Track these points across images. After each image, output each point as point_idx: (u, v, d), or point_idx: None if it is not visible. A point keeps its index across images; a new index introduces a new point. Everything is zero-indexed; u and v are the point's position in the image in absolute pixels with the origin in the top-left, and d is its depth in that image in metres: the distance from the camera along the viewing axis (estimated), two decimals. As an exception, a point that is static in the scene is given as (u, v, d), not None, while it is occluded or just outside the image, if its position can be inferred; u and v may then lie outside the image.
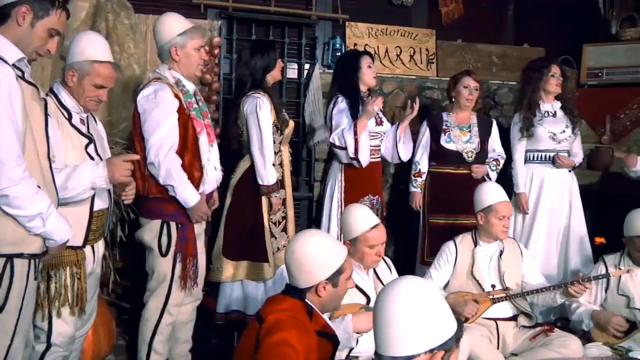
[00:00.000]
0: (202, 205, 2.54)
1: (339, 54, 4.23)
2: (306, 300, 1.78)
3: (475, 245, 2.86)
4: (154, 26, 2.63)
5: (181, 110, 2.51)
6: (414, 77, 4.49)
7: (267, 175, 2.95)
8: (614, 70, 4.59)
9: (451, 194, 3.54)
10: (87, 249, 2.25)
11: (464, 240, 2.90)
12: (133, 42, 3.77)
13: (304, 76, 4.30)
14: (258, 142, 2.96)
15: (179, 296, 2.57)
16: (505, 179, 3.75)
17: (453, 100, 3.63)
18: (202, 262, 2.69)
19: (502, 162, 3.67)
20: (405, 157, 3.54)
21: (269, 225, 3.02)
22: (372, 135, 3.34)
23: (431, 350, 1.20)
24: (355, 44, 4.40)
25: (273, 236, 3.05)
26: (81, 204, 2.16)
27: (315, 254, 1.77)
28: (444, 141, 3.56)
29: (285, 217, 3.04)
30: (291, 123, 3.07)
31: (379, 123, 3.35)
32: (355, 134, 3.14)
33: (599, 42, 4.77)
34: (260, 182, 2.96)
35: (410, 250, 3.94)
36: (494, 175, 3.59)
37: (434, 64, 4.58)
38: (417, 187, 3.62)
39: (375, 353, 1.25)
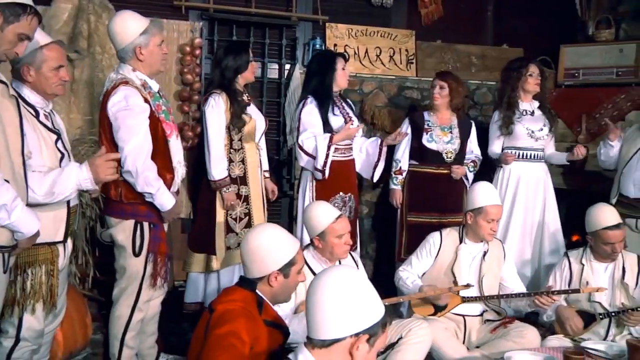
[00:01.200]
0: (177, 207, 2.60)
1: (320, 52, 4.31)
2: (257, 291, 1.86)
3: (461, 242, 2.92)
4: (109, 28, 2.58)
5: (152, 115, 2.54)
6: (394, 77, 4.57)
7: (212, 170, 3.02)
8: (590, 71, 4.67)
9: (431, 193, 3.62)
10: (61, 247, 2.29)
11: (450, 234, 2.95)
12: (115, 42, 3.84)
13: (285, 76, 4.39)
14: (205, 138, 3.05)
15: (149, 293, 2.64)
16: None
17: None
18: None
19: (478, 163, 3.76)
20: (376, 178, 3.63)
21: (228, 220, 3.08)
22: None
23: (356, 334, 1.28)
24: (335, 45, 4.48)
25: (232, 231, 3.12)
26: (59, 203, 2.22)
27: (267, 245, 1.86)
28: (425, 140, 3.64)
29: (248, 214, 3.09)
30: (252, 121, 3.11)
31: (347, 122, 3.42)
32: (329, 149, 3.23)
33: (576, 43, 4.86)
34: (208, 177, 3.04)
35: (392, 248, 4.02)
36: (471, 176, 3.67)
37: (413, 64, 4.66)
38: (397, 185, 3.69)
39: (307, 337, 1.33)
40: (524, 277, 3.48)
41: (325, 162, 3.22)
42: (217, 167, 3.03)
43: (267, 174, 3.39)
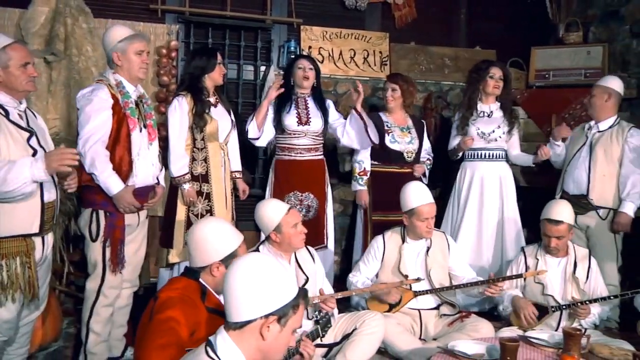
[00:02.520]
0: (127, 196, 2.69)
1: (293, 56, 4.42)
2: (200, 280, 1.96)
3: (403, 241, 3.04)
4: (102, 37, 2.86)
5: (117, 109, 2.69)
6: (367, 78, 4.67)
7: (171, 167, 3.14)
8: (560, 72, 4.79)
9: (394, 192, 3.70)
10: (37, 240, 2.41)
11: (393, 236, 3.08)
12: (91, 45, 3.95)
13: (260, 78, 4.49)
14: (168, 137, 3.18)
15: (114, 279, 2.76)
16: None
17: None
18: (142, 252, 2.88)
19: (432, 161, 3.91)
20: (376, 139, 3.61)
21: (189, 216, 3.19)
22: (296, 134, 3.52)
23: (266, 316, 1.37)
24: (310, 47, 4.59)
25: None
26: (32, 197, 2.32)
27: (210, 237, 1.97)
28: (388, 141, 3.74)
29: (210, 211, 3.21)
30: (213, 122, 3.21)
31: (304, 122, 3.51)
32: (253, 117, 3.42)
33: (547, 46, 4.98)
34: (169, 174, 3.19)
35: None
36: (427, 173, 3.79)
37: (387, 66, 4.77)
38: (363, 186, 3.78)
39: (225, 320, 1.43)
40: (484, 272, 3.57)
41: (249, 130, 3.43)
42: (177, 164, 3.14)
43: (238, 174, 3.48)
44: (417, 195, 3.00)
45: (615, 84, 3.53)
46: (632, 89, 4.58)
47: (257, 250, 2.65)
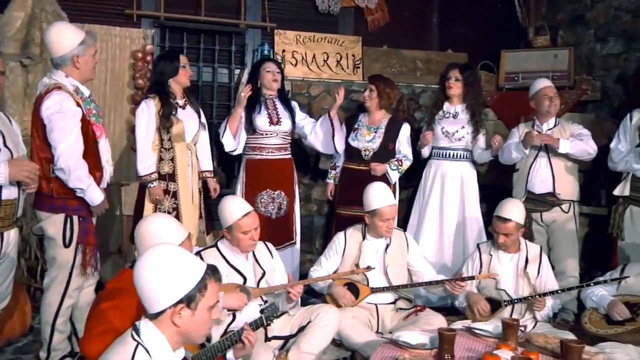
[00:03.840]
0: (105, 202, 2.81)
1: (264, 59, 4.53)
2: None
3: (364, 238, 3.15)
4: (47, 37, 2.80)
5: (83, 118, 2.75)
6: (340, 81, 4.77)
7: (138, 167, 3.25)
8: (529, 75, 4.90)
9: (355, 188, 3.80)
10: None
11: (354, 232, 3.18)
12: (67, 50, 4.04)
13: (234, 80, 4.60)
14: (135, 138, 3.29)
15: (79, 281, 2.84)
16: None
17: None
18: None
19: (405, 163, 3.90)
20: (340, 148, 3.76)
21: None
22: (267, 134, 3.63)
23: (174, 305, 1.47)
24: (283, 51, 4.70)
25: None
26: None
27: (157, 232, 2.07)
28: (350, 139, 3.86)
29: (176, 209, 3.31)
30: (180, 124, 3.31)
31: (275, 122, 3.62)
32: (227, 122, 3.53)
33: (517, 49, 5.10)
34: (136, 174, 3.30)
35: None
36: (394, 174, 3.84)
37: (360, 69, 4.88)
38: (331, 179, 3.95)
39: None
40: (446, 269, 3.69)
41: (221, 134, 3.58)
42: (143, 164, 3.24)
43: (209, 174, 3.58)
44: (379, 196, 3.09)
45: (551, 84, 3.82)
46: (596, 92, 4.71)
47: (216, 245, 2.77)
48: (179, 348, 1.52)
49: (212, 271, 1.53)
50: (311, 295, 3.69)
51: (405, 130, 3.93)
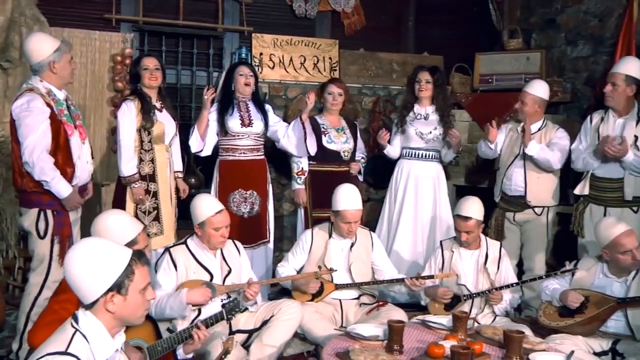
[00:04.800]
0: (75, 196, 2.93)
1: (244, 63, 4.64)
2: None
3: (330, 237, 3.24)
4: (25, 46, 2.98)
5: (53, 117, 2.88)
6: (317, 83, 4.85)
7: (122, 168, 3.36)
8: (502, 77, 5.02)
9: (333, 189, 3.91)
10: None
11: (320, 231, 3.28)
12: (46, 53, 4.14)
13: (213, 83, 4.70)
14: (117, 139, 3.40)
15: (58, 273, 2.92)
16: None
17: (322, 105, 4.04)
18: None
19: (366, 159, 4.13)
20: (312, 150, 3.84)
21: (137, 213, 3.39)
22: (239, 136, 3.72)
23: (105, 293, 1.56)
24: (261, 54, 4.81)
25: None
26: None
27: (111, 227, 2.18)
28: (325, 142, 3.95)
29: (156, 208, 3.43)
30: (160, 125, 3.43)
31: (246, 124, 3.72)
32: (194, 129, 3.63)
33: (491, 52, 5.21)
34: (119, 174, 3.39)
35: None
36: (363, 170, 4.00)
37: (337, 71, 4.98)
38: (302, 184, 3.98)
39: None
40: (418, 266, 3.79)
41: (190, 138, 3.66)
42: (127, 165, 3.35)
43: (179, 174, 3.69)
44: (345, 199, 3.17)
45: (542, 91, 3.73)
46: (567, 93, 4.82)
47: (185, 242, 2.87)
48: (119, 333, 1.62)
49: (138, 256, 1.62)
50: (282, 295, 3.79)
51: (358, 130, 4.11)
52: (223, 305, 2.39)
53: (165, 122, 3.48)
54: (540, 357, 2.25)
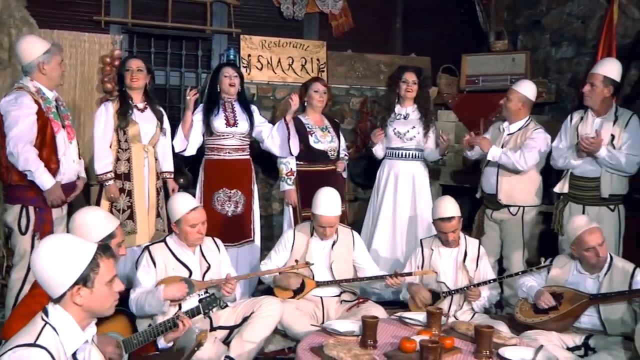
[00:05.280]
0: (57, 190, 3.01)
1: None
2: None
3: (311, 235, 3.30)
4: (17, 48, 3.12)
5: (41, 114, 3.00)
6: (306, 84, 4.94)
7: (95, 166, 3.44)
8: (488, 78, 5.07)
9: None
10: None
11: (303, 229, 3.33)
12: (35, 54, 4.20)
13: (201, 84, 4.75)
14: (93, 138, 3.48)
15: None
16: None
17: (306, 104, 4.07)
18: None
19: (348, 157, 4.23)
20: (295, 151, 3.90)
21: (112, 211, 3.45)
22: (224, 135, 3.77)
23: (72, 286, 1.61)
24: (249, 55, 4.86)
25: None
26: None
27: (88, 222, 2.26)
28: (312, 142, 3.99)
29: (131, 207, 3.48)
30: (135, 126, 3.49)
31: (231, 124, 3.76)
32: (179, 129, 3.70)
33: (478, 53, 5.26)
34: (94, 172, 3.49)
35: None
36: (345, 167, 4.09)
37: (324, 72, 5.04)
38: (292, 185, 4.00)
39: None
40: (399, 264, 3.84)
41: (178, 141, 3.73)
42: (100, 163, 3.42)
43: (168, 174, 3.74)
44: (324, 204, 3.19)
45: (529, 91, 3.78)
46: (551, 94, 4.88)
47: (164, 240, 2.92)
48: (89, 325, 1.67)
49: (103, 249, 1.67)
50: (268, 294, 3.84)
51: (340, 127, 4.19)
52: (200, 301, 2.44)
53: (146, 123, 3.54)
54: (509, 352, 2.30)
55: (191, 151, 3.78)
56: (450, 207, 3.17)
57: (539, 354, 2.28)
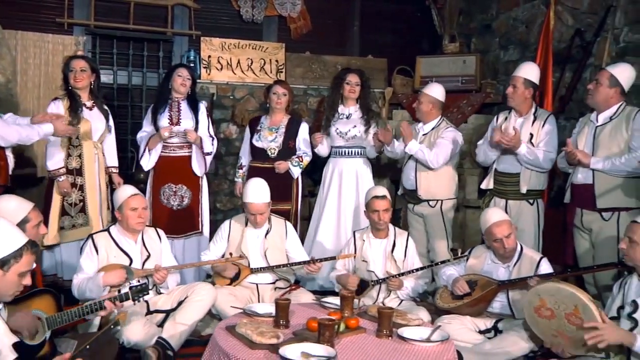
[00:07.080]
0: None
1: (192, 65, 4.90)
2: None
3: (246, 225, 3.50)
4: None
5: None
6: (264, 84, 5.11)
7: (47, 162, 3.63)
8: (441, 79, 5.21)
9: None
10: None
11: (238, 220, 3.53)
12: (-1, 54, 4.40)
13: (162, 84, 4.96)
14: None
15: None
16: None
17: (268, 105, 4.28)
18: None
19: (305, 159, 4.21)
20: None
21: (64, 205, 3.66)
22: (171, 134, 3.96)
23: None
24: (209, 56, 5.07)
25: (67, 214, 3.70)
26: None
27: (1, 209, 2.33)
28: (254, 140, 4.19)
29: (83, 200, 3.69)
30: (87, 123, 3.69)
31: (174, 123, 3.93)
32: (145, 148, 3.90)
33: (432, 55, 5.48)
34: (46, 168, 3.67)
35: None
36: (296, 170, 4.15)
37: (283, 73, 5.25)
38: (239, 179, 4.25)
39: None
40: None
41: (141, 158, 3.92)
42: (52, 159, 3.61)
43: (114, 169, 3.96)
44: (252, 192, 3.39)
45: (438, 93, 4.04)
46: (499, 95, 5.09)
47: (108, 229, 3.12)
48: None
49: (31, 246, 1.88)
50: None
51: (304, 129, 4.26)
52: (130, 288, 2.63)
53: (95, 120, 3.73)
54: (408, 331, 2.50)
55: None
56: (381, 188, 3.40)
57: (435, 332, 2.49)
